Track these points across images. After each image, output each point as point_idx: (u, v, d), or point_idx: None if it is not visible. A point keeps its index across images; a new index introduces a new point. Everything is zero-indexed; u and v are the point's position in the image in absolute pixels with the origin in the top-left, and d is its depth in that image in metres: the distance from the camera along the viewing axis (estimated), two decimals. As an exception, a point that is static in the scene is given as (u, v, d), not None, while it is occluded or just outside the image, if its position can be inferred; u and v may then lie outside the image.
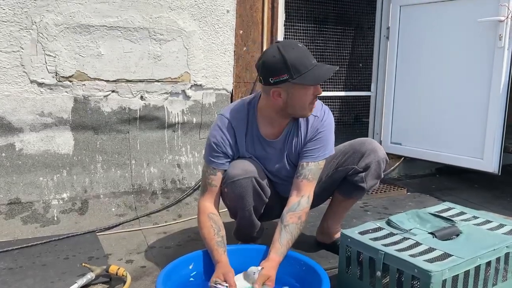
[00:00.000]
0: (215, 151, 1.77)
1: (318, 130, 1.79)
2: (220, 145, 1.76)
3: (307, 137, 1.79)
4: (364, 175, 1.89)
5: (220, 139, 1.76)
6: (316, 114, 1.79)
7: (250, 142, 1.80)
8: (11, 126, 2.42)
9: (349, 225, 2.45)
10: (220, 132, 1.77)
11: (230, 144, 1.77)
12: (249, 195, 1.75)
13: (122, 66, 2.63)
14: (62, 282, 1.78)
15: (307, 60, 1.62)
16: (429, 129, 3.21)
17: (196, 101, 2.88)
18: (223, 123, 1.78)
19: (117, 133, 2.70)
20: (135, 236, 2.36)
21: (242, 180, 1.72)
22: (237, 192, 1.74)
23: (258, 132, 1.79)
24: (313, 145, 1.79)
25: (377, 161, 1.88)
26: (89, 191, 2.60)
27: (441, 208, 1.90)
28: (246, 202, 1.77)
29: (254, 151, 1.81)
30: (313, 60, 1.64)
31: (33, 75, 2.43)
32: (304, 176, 1.76)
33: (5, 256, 2.02)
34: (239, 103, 1.84)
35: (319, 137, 1.79)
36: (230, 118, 1.78)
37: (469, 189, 3.35)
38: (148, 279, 1.89)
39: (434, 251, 1.47)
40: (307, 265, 1.66)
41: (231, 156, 1.79)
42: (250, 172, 1.74)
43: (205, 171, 1.81)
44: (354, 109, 3.71)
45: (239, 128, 1.77)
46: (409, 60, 3.30)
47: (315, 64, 1.63)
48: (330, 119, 1.83)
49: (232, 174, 1.73)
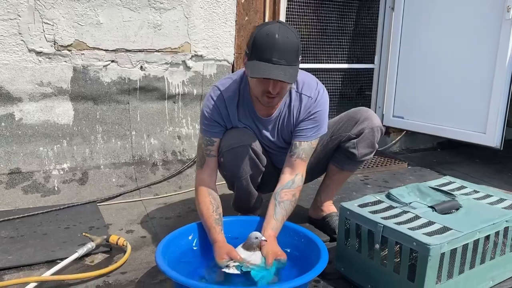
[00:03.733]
0: (208, 120, 1.75)
1: (312, 111, 1.75)
2: (212, 114, 1.75)
3: (299, 117, 1.76)
4: (356, 141, 1.86)
5: (212, 108, 1.75)
6: (310, 95, 1.75)
7: (243, 114, 1.78)
8: (10, 95, 2.40)
9: (349, 198, 2.46)
10: (212, 101, 1.75)
11: (222, 114, 1.75)
12: (245, 164, 1.75)
13: (122, 35, 2.58)
14: (63, 251, 1.80)
15: (267, 52, 1.50)
16: (432, 102, 3.17)
17: (196, 72, 2.84)
18: (215, 93, 1.76)
19: (117, 104, 2.67)
20: (135, 207, 2.37)
21: (238, 149, 1.71)
22: (233, 161, 1.73)
23: (251, 107, 1.76)
24: (306, 125, 1.76)
25: (371, 128, 1.85)
26: (89, 162, 2.59)
27: (442, 182, 1.89)
28: (242, 171, 1.76)
29: (247, 123, 1.80)
30: (276, 58, 1.50)
31: (31, 44, 2.39)
32: (298, 155, 1.75)
33: (6, 225, 2.04)
34: (234, 75, 1.81)
35: (312, 117, 1.76)
36: (222, 89, 1.76)
37: (470, 164, 3.34)
38: (148, 249, 1.90)
39: (433, 224, 1.47)
40: (306, 237, 1.66)
41: (223, 125, 1.77)
42: (245, 140, 1.72)
43: (201, 143, 1.80)
44: (356, 82, 3.66)
45: (230, 99, 1.75)
46: (414, 31, 3.24)
47: (273, 62, 1.50)
48: (324, 100, 1.78)
49: (227, 143, 1.72)
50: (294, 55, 1.55)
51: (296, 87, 1.76)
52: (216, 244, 1.58)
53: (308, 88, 1.76)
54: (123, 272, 1.70)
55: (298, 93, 1.76)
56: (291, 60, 1.54)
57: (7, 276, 1.65)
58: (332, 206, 2.08)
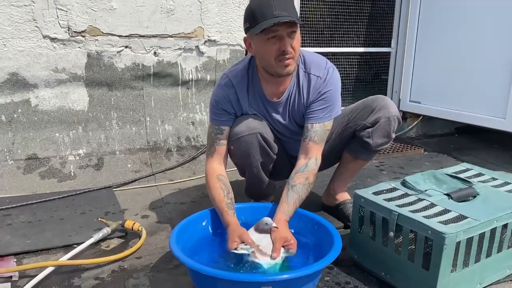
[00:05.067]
0: (217, 109, 1.75)
1: (321, 91, 1.72)
2: (221, 103, 1.74)
3: (309, 98, 1.74)
4: (371, 130, 1.82)
5: (221, 96, 1.74)
6: (319, 75, 1.72)
7: (253, 99, 1.76)
8: (26, 82, 2.42)
9: (363, 184, 2.44)
10: (221, 90, 1.74)
11: (231, 101, 1.74)
12: (256, 151, 1.74)
13: (135, 20, 2.57)
14: (79, 236, 1.83)
15: (267, 10, 1.52)
16: (450, 87, 3.11)
17: (210, 57, 2.82)
18: (224, 81, 1.75)
19: (131, 90, 2.68)
20: (150, 192, 2.39)
21: (247, 136, 1.70)
22: (243, 149, 1.72)
23: (261, 91, 1.75)
24: (317, 106, 1.73)
25: (387, 117, 1.80)
26: (104, 147, 2.62)
27: (459, 169, 1.85)
28: (252, 158, 1.75)
29: (258, 108, 1.78)
30: (278, 11, 1.51)
31: (45, 30, 2.40)
32: (310, 138, 1.73)
33: (24, 210, 2.08)
34: (241, 61, 1.80)
35: (323, 97, 1.72)
36: (231, 76, 1.75)
37: (488, 149, 3.28)
38: (163, 234, 1.92)
39: (449, 212, 1.44)
40: (319, 224, 1.66)
41: (233, 113, 1.76)
42: (255, 128, 1.71)
43: (211, 131, 1.79)
44: (373, 66, 3.60)
45: (240, 85, 1.74)
46: (433, 14, 3.15)
47: (276, 15, 1.50)
48: (335, 79, 1.74)
49: (236, 131, 1.71)
50: (292, 8, 1.55)
51: (304, 67, 1.73)
52: (229, 227, 1.59)
53: (316, 68, 1.73)
54: (138, 257, 1.72)
55: (306, 73, 1.73)
56: (292, 12, 1.54)
57: (26, 259, 1.69)
58: (346, 194, 2.06)
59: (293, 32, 1.57)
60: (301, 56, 1.74)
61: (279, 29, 1.53)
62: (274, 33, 1.55)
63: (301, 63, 1.74)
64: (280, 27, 1.53)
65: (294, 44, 1.59)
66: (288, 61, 1.60)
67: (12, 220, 1.98)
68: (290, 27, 1.54)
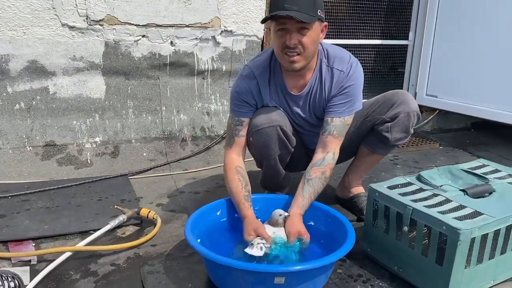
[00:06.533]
0: (238, 100, 1.75)
1: (344, 85, 1.71)
2: (242, 94, 1.74)
3: (331, 92, 1.73)
4: (390, 125, 1.81)
5: (243, 88, 1.74)
6: (342, 69, 1.71)
7: (274, 91, 1.77)
8: (44, 69, 2.45)
9: (377, 178, 2.44)
10: (243, 81, 1.75)
11: (253, 92, 1.74)
12: (274, 144, 1.74)
13: (152, 10, 2.58)
14: (96, 223, 1.86)
15: (281, 1, 1.52)
16: (468, 81, 3.06)
17: (226, 48, 2.82)
18: (246, 72, 1.76)
19: (148, 79, 2.70)
20: (165, 181, 2.42)
21: (267, 129, 1.70)
22: (262, 141, 1.73)
23: (282, 83, 1.75)
24: (338, 100, 1.72)
25: (407, 112, 1.78)
26: (121, 136, 2.65)
27: (475, 165, 1.84)
28: (271, 150, 1.76)
29: (278, 100, 1.78)
30: (288, 4, 1.50)
31: (64, 18, 2.42)
32: (329, 132, 1.72)
33: (42, 196, 2.12)
34: (265, 52, 1.79)
35: (344, 92, 1.71)
36: (253, 67, 1.75)
37: (505, 145, 3.23)
38: (178, 222, 1.95)
39: (464, 208, 1.44)
40: (332, 217, 1.66)
41: (254, 105, 1.77)
42: (275, 120, 1.71)
43: (230, 122, 1.80)
44: (389, 59, 3.56)
45: (261, 76, 1.74)
46: (452, 6, 3.10)
47: (285, 8, 1.50)
48: (358, 73, 1.73)
49: (256, 123, 1.72)
50: (308, 4, 1.53)
51: (327, 61, 1.73)
52: (245, 220, 1.60)
53: (339, 62, 1.72)
54: (153, 245, 1.75)
55: (329, 67, 1.72)
56: (306, 8, 1.52)
57: (44, 244, 1.73)
58: (360, 187, 2.06)
59: (304, 29, 1.55)
60: (324, 50, 1.74)
61: (287, 22, 1.53)
62: (282, 26, 1.55)
63: (324, 57, 1.73)
64: (288, 20, 1.52)
65: (305, 40, 1.57)
66: (294, 57, 1.60)
67: (30, 205, 2.02)
68: (298, 23, 1.53)
